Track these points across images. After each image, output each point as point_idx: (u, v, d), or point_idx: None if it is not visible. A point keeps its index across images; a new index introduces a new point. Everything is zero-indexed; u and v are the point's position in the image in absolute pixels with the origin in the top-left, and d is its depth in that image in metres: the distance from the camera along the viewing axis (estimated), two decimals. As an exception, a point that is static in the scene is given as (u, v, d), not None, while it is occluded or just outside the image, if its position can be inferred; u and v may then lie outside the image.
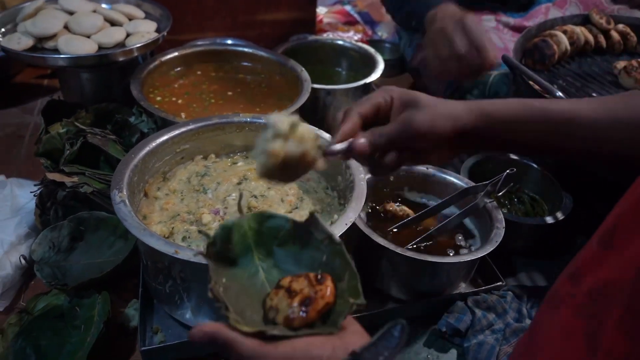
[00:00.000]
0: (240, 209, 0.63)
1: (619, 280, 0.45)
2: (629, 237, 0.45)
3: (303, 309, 0.54)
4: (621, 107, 0.66)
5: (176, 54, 1.38)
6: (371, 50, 1.56)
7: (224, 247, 0.61)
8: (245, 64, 1.44)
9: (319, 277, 0.56)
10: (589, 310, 0.47)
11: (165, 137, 1.00)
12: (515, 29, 1.58)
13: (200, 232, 0.63)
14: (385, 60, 1.60)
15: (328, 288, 0.55)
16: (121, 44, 1.26)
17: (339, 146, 0.66)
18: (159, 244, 0.76)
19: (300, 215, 0.95)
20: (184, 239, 0.91)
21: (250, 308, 0.57)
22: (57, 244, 0.99)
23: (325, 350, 0.52)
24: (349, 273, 0.56)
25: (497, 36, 1.54)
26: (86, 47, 1.20)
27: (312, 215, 0.59)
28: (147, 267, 0.88)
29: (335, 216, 0.92)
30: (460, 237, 1.03)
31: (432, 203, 1.10)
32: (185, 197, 0.99)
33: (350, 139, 0.68)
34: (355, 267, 0.56)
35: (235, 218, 0.62)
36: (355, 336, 0.55)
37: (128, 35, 1.28)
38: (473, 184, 1.04)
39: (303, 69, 1.37)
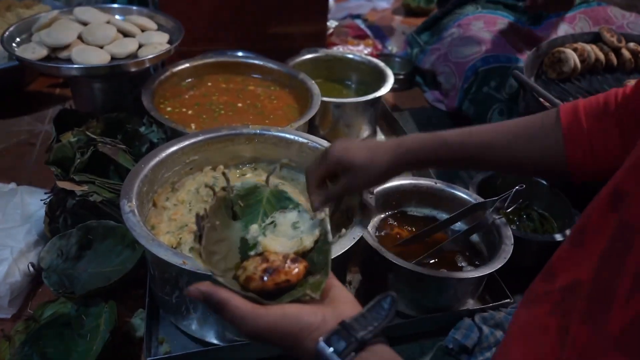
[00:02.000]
0: (267, 180, 0.72)
1: (585, 276, 0.48)
2: (596, 235, 0.49)
3: (264, 275, 0.57)
4: (538, 127, 0.75)
5: (187, 65, 1.40)
6: (381, 64, 1.58)
7: (236, 199, 0.68)
8: (256, 76, 1.46)
9: (296, 259, 0.60)
10: (562, 307, 0.51)
11: (174, 148, 1.01)
12: (526, 38, 1.61)
13: (223, 173, 0.72)
14: (395, 74, 1.61)
15: (296, 269, 0.58)
16: (133, 55, 1.28)
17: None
18: (167, 254, 0.76)
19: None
20: (191, 249, 0.91)
21: (227, 261, 0.61)
22: (66, 252, 1.00)
23: (315, 317, 0.54)
24: (323, 272, 0.59)
25: (508, 39, 1.57)
26: (99, 58, 1.22)
27: (325, 216, 0.65)
28: (154, 277, 0.89)
29: (343, 230, 0.92)
30: (467, 253, 1.03)
31: (441, 218, 1.10)
32: (194, 208, 1.00)
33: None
34: (330, 269, 0.59)
35: (259, 182, 0.70)
36: (346, 305, 0.57)
37: (140, 46, 1.30)
38: (482, 199, 1.05)
39: (313, 82, 1.38)
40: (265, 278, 0.57)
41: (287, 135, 1.09)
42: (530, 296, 0.57)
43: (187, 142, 1.03)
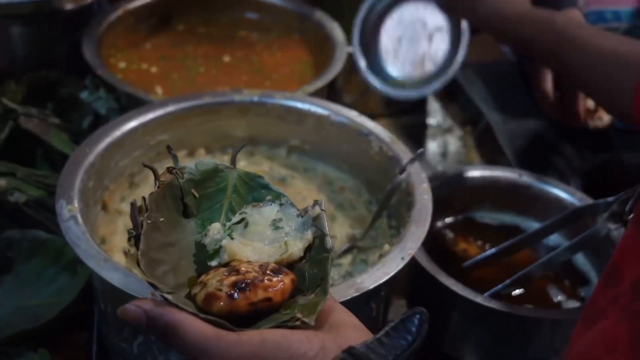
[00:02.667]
0: (233, 159, 0.71)
1: None
2: None
3: (234, 292, 0.56)
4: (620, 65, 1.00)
5: (148, -1, 1.40)
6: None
7: (188, 186, 0.68)
8: (250, 15, 1.45)
9: (280, 269, 0.60)
10: (634, 307, 0.54)
11: (133, 124, 1.01)
12: None
13: (168, 147, 0.70)
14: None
15: (280, 283, 0.58)
16: (70, -15, 1.28)
17: None
18: (129, 282, 0.76)
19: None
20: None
21: (177, 275, 0.62)
22: (-26, 277, 1.01)
23: (311, 345, 0.55)
24: (320, 290, 0.60)
25: None
26: (19, -11, 1.22)
27: (322, 210, 0.65)
28: (106, 314, 0.89)
29: (386, 246, 0.92)
30: (567, 281, 1.03)
31: (528, 228, 1.10)
32: (162, 212, 1.00)
33: None
34: (329, 285, 0.60)
35: (221, 163, 0.70)
36: (353, 331, 0.59)
37: (79, -30, 1.30)
38: (591, 200, 1.04)
39: (336, 24, 1.37)
40: (236, 295, 0.56)
41: (299, 105, 1.08)
42: (590, 312, 0.60)
43: (151, 116, 1.02)
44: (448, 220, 1.12)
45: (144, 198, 0.63)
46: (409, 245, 0.85)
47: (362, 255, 0.96)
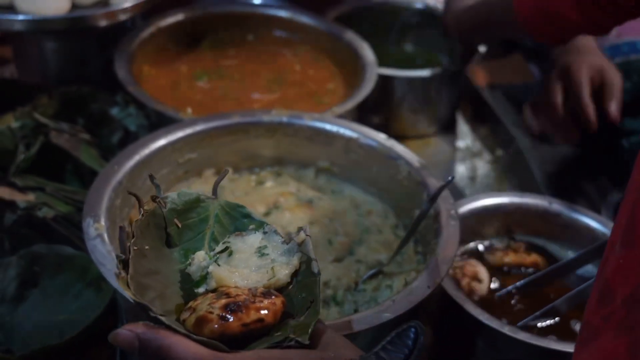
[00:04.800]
0: (214, 190, 0.73)
1: None
2: None
3: (226, 314, 0.58)
4: None
5: (181, 17, 1.41)
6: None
7: (171, 215, 0.70)
8: (280, 34, 1.46)
9: (269, 292, 0.62)
10: (629, 321, 0.55)
11: (162, 142, 1.02)
12: None
13: (150, 177, 0.71)
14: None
15: (272, 305, 0.60)
16: (103, 2, 1.28)
17: None
18: (152, 302, 0.76)
19: (353, 270, 0.96)
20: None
21: (164, 302, 0.63)
22: (1, 291, 1.01)
23: None
24: (311, 312, 0.62)
25: None
26: (54, 5, 1.23)
27: (307, 235, 0.67)
28: (130, 333, 0.89)
29: (413, 273, 0.91)
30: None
31: (558, 257, 1.09)
32: (188, 231, 1.00)
33: None
34: (320, 307, 0.62)
35: (204, 194, 0.72)
36: (347, 350, 0.61)
37: (114, -12, 1.31)
38: (622, 231, 1.02)
39: (366, 44, 1.37)
40: (228, 317, 0.57)
41: (327, 127, 1.08)
42: (585, 332, 0.61)
43: (180, 134, 1.03)
44: (474, 245, 1.11)
45: (130, 224, 0.66)
46: (436, 274, 0.84)
47: (387, 280, 0.95)
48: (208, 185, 1.07)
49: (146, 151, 0.99)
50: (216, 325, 0.57)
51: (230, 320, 0.57)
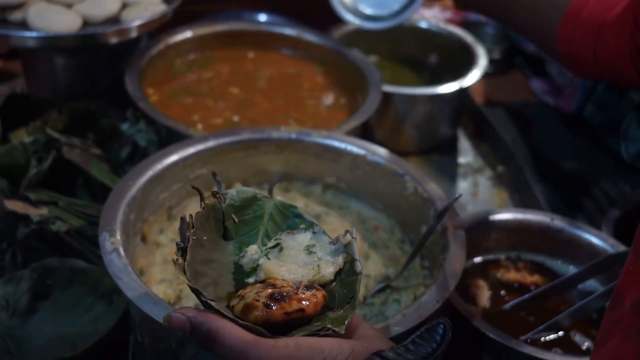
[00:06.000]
0: (270, 190, 0.79)
1: None
2: None
3: (270, 303, 0.62)
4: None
5: (189, 34, 1.43)
6: (468, 37, 1.58)
7: (229, 211, 0.74)
8: (286, 52, 1.47)
9: (312, 286, 0.66)
10: (636, 326, 0.58)
11: (174, 158, 1.03)
12: None
13: (213, 174, 0.78)
14: (488, 52, 1.61)
15: (313, 297, 0.64)
16: (114, 19, 1.30)
17: None
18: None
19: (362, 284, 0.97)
20: (196, 307, 0.92)
21: (217, 288, 0.68)
22: (13, 303, 1.02)
23: (342, 349, 0.61)
24: (349, 306, 0.66)
25: None
26: (65, 22, 1.24)
27: (353, 238, 0.71)
28: (143, 345, 0.90)
29: (422, 288, 0.92)
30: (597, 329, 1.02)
31: (558, 272, 1.10)
32: (199, 246, 1.01)
33: None
34: (357, 302, 0.66)
35: (260, 193, 0.77)
36: (380, 342, 0.65)
37: (124, 5, 1.33)
38: (623, 247, 1.03)
39: (370, 62, 1.39)
40: (272, 305, 0.62)
41: (335, 143, 1.10)
42: (600, 336, 0.63)
43: (191, 150, 1.05)
44: (477, 260, 1.12)
45: (191, 215, 0.70)
46: (444, 288, 0.86)
47: (394, 295, 0.97)
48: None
49: (159, 167, 1.01)
50: (261, 313, 0.62)
51: (274, 308, 0.62)
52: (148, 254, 0.99)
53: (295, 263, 0.70)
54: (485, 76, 1.53)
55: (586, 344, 0.99)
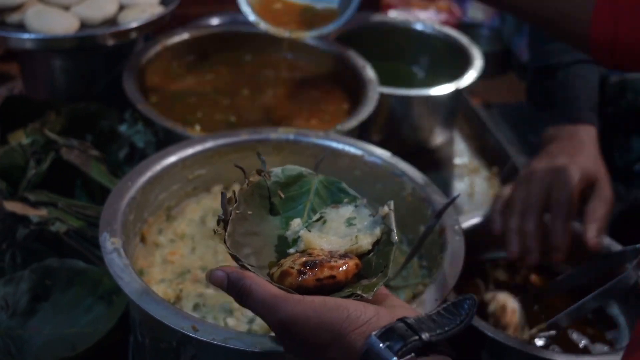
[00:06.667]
0: (316, 166, 0.82)
1: None
2: None
3: (304, 269, 0.67)
4: None
5: (186, 36, 1.43)
6: (463, 39, 1.58)
7: (275, 188, 0.79)
8: (283, 54, 1.47)
9: (346, 255, 0.70)
10: None
11: (173, 159, 1.03)
12: None
13: (258, 154, 0.81)
14: (483, 54, 1.61)
15: (345, 265, 0.68)
16: (112, 21, 1.30)
17: None
18: (169, 315, 0.77)
19: None
20: (195, 307, 0.93)
21: (259, 258, 0.74)
22: (12, 304, 1.02)
23: (366, 312, 0.63)
24: (382, 274, 0.69)
25: None
26: (63, 24, 1.25)
27: (390, 210, 0.75)
28: (143, 345, 0.90)
29: (420, 286, 0.93)
30: (595, 326, 1.03)
31: (554, 271, 1.10)
32: (198, 246, 1.01)
33: None
34: (389, 271, 0.70)
35: (305, 169, 0.81)
36: (407, 310, 0.67)
37: (122, 7, 1.33)
38: (619, 246, 1.05)
39: (367, 64, 1.39)
40: (305, 272, 0.67)
41: (333, 144, 1.10)
42: (631, 346, 0.64)
43: (190, 151, 1.05)
44: (476, 260, 1.12)
45: (233, 192, 0.76)
46: (443, 287, 0.86)
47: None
48: (216, 200, 1.08)
49: (158, 168, 1.01)
50: (293, 279, 0.66)
51: (307, 275, 0.66)
52: (147, 254, 0.99)
53: (336, 235, 0.73)
54: (481, 77, 1.54)
55: (583, 342, 1.00)
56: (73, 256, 1.04)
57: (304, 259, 0.68)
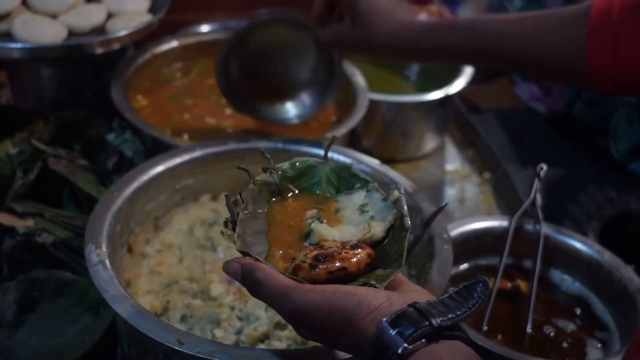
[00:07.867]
0: (325, 154, 0.80)
1: None
2: None
3: (315, 263, 0.67)
4: (564, 18, 0.97)
5: (175, 44, 1.43)
6: (453, 44, 1.58)
7: (284, 183, 0.79)
8: (272, 60, 1.48)
9: (358, 245, 0.69)
10: None
11: (160, 169, 1.03)
12: None
13: (261, 152, 0.80)
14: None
15: (356, 256, 0.67)
16: (100, 29, 1.30)
17: None
18: (155, 328, 0.77)
19: None
20: (183, 318, 0.92)
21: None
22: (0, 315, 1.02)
23: (378, 298, 0.63)
24: (396, 264, 0.69)
25: None
26: (51, 33, 1.25)
27: (401, 193, 0.74)
28: (130, 357, 0.89)
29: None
30: (593, 332, 1.04)
31: (543, 277, 1.11)
32: (186, 256, 1.01)
33: None
34: (405, 260, 0.69)
35: (314, 159, 0.80)
36: (421, 294, 0.67)
37: (110, 16, 1.33)
38: (609, 253, 1.06)
39: (357, 70, 1.39)
40: (316, 265, 0.67)
41: (322, 152, 1.09)
42: (632, 349, 0.65)
43: (178, 160, 1.05)
44: (464, 266, 1.13)
45: (239, 193, 0.76)
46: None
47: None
48: (204, 210, 1.09)
49: (145, 177, 1.01)
50: (307, 273, 0.67)
51: (319, 269, 0.66)
52: (134, 265, 0.99)
53: (349, 223, 0.74)
54: (472, 83, 1.54)
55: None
56: (60, 267, 1.04)
57: (316, 252, 0.68)
